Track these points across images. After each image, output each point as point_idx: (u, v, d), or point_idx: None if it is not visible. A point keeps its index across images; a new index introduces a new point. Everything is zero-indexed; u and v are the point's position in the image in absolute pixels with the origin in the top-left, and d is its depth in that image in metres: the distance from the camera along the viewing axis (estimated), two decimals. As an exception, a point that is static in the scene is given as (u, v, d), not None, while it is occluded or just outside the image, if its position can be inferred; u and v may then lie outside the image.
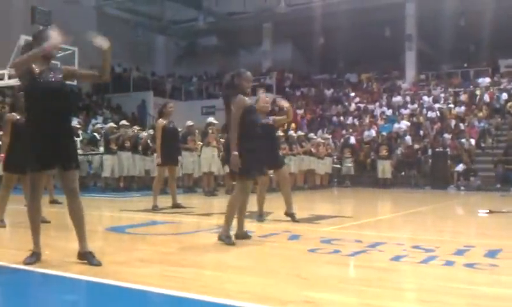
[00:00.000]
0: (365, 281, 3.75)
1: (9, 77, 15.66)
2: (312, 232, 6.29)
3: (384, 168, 18.78)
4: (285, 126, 17.32)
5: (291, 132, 17.10)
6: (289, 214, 7.25)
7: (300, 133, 18.25)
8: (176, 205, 8.91)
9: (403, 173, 19.92)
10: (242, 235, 5.49)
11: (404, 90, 25.67)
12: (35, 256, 4.16)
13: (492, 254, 4.83)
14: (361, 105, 25.34)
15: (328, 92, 27.79)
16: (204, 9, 29.41)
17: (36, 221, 4.26)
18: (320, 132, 22.23)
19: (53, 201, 9.03)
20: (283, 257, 4.76)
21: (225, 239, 5.17)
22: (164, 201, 9.25)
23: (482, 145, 20.15)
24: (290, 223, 7.05)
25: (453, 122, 21.47)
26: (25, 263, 4.07)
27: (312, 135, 19.18)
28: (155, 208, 8.58)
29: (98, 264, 4.02)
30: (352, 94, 26.76)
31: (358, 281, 3.83)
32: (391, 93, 25.61)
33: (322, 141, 19.28)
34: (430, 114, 22.72)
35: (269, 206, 8.01)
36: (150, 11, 29.67)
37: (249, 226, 6.14)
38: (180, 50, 33.08)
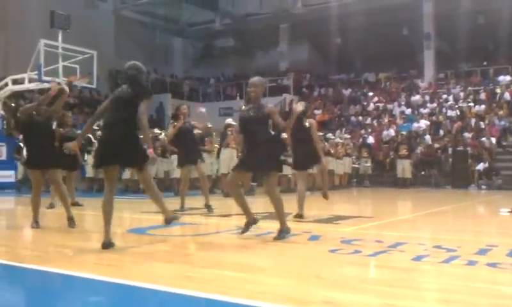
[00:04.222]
0: (386, 281, 3.73)
1: (30, 81, 15.88)
2: (332, 232, 6.26)
3: (404, 167, 18.63)
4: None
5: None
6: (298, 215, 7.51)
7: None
8: (207, 206, 8.87)
9: (423, 173, 19.76)
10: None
11: (423, 89, 25.45)
12: (107, 244, 4.83)
13: (515, 253, 4.77)
14: (380, 105, 25.20)
15: (346, 92, 27.69)
16: (220, 11, 29.52)
17: (108, 213, 4.93)
18: (338, 132, 22.15)
19: (74, 204, 9.14)
20: (304, 257, 4.76)
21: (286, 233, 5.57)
22: (190, 202, 9.29)
23: (504, 143, 19.88)
24: (311, 223, 7.03)
25: (473, 121, 21.24)
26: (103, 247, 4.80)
27: (330, 135, 19.12)
28: (181, 210, 8.59)
29: None
30: (371, 93, 26.62)
31: (379, 282, 3.80)
32: (410, 92, 25.42)
33: (341, 141, 19.21)
34: (450, 112, 22.50)
35: (289, 207, 8.01)
36: (167, 13, 29.88)
37: (269, 226, 6.14)
38: (197, 52, 33.24)
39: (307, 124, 7.55)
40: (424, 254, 4.76)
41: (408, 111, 23.89)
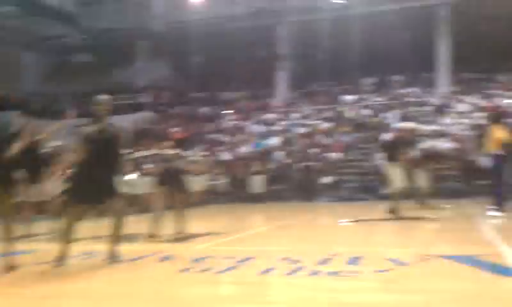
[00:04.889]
0: (234, 297, 3.79)
1: None
2: (185, 251, 6.24)
3: (258, 183, 19.29)
4: None
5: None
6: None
7: (172, 151, 17.98)
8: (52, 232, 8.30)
9: (276, 187, 20.58)
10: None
11: (276, 108, 26.62)
12: None
13: (354, 261, 5.11)
14: (236, 123, 25.85)
15: (204, 110, 28.02)
16: (78, 25, 28.25)
17: None
18: (195, 149, 22.24)
19: None
20: (153, 280, 4.65)
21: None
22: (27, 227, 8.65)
23: (347, 158, 21.48)
24: (164, 243, 6.94)
25: (320, 137, 22.67)
26: None
27: (187, 153, 19.08)
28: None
29: None
30: (227, 112, 27.24)
31: (227, 299, 3.85)
32: (263, 111, 26.42)
33: (197, 158, 19.29)
34: (300, 130, 23.78)
35: (141, 227, 7.85)
36: (18, 26, 27.79)
37: (120, 249, 5.93)
38: (51, 67, 31.37)
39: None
40: (271, 267, 4.92)
41: (262, 129, 24.81)
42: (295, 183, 20.27)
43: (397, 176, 10.01)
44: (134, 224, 7.36)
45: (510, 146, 9.37)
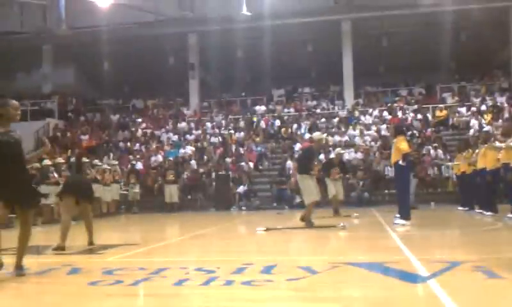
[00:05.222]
0: (147, 310, 3.71)
1: None
2: (95, 264, 6.03)
3: (172, 192, 19.08)
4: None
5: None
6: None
7: (85, 159, 17.35)
8: None
9: (189, 197, 20.46)
10: None
11: (189, 117, 26.50)
12: None
13: (268, 270, 5.15)
14: (148, 131, 25.42)
15: (114, 117, 27.30)
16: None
17: None
18: (106, 158, 21.61)
19: None
20: (61, 294, 4.45)
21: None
22: None
23: (260, 167, 21.80)
24: (73, 255, 6.67)
25: (233, 147, 22.84)
26: None
27: (97, 161, 18.48)
28: None
29: None
30: (139, 120, 26.72)
31: (139, 311, 3.76)
32: (176, 119, 26.21)
33: (108, 167, 18.75)
34: (213, 139, 23.82)
35: (50, 239, 7.50)
36: None
37: (26, 261, 5.62)
38: None
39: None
40: (185, 277, 4.87)
41: (175, 138, 24.58)
42: (209, 192, 20.26)
43: (311, 188, 10.25)
44: (42, 235, 7.02)
45: (412, 156, 9.90)
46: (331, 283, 4.59)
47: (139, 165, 22.01)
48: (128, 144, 24.54)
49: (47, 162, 15.25)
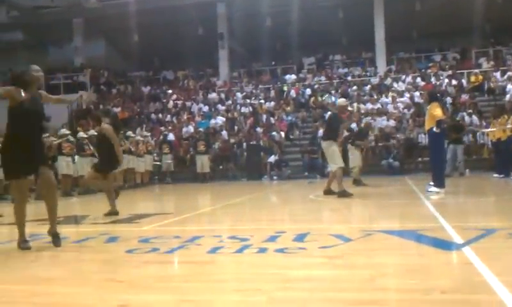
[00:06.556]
0: (182, 277, 3.78)
1: None
2: (131, 232, 6.16)
3: (203, 163, 19.23)
4: None
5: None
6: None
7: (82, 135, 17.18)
8: None
9: (221, 167, 20.60)
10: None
11: (219, 87, 26.49)
12: None
13: (300, 238, 5.19)
14: (179, 102, 25.55)
15: (145, 89, 27.51)
16: (6, 2, 26.86)
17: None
18: (138, 129, 21.89)
19: None
20: (99, 261, 4.58)
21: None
22: None
23: (291, 137, 21.74)
24: (110, 224, 6.83)
25: (264, 116, 22.79)
26: None
27: (130, 133, 18.77)
28: None
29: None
30: (170, 91, 26.85)
31: (175, 278, 3.84)
32: (206, 90, 26.25)
33: (141, 138, 19.01)
34: (243, 109, 23.80)
35: (88, 209, 7.69)
36: None
37: (64, 230, 5.79)
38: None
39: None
40: (219, 245, 4.93)
41: (206, 108, 24.67)
42: (241, 163, 20.36)
43: (337, 153, 10.18)
44: (77, 205, 7.19)
45: (447, 123, 9.71)
46: (364, 250, 4.58)
47: (171, 137, 22.22)
48: (160, 115, 24.76)
49: (81, 134, 15.54)
